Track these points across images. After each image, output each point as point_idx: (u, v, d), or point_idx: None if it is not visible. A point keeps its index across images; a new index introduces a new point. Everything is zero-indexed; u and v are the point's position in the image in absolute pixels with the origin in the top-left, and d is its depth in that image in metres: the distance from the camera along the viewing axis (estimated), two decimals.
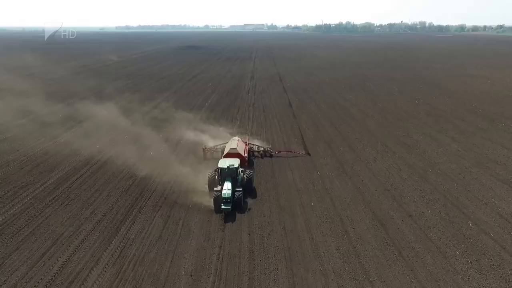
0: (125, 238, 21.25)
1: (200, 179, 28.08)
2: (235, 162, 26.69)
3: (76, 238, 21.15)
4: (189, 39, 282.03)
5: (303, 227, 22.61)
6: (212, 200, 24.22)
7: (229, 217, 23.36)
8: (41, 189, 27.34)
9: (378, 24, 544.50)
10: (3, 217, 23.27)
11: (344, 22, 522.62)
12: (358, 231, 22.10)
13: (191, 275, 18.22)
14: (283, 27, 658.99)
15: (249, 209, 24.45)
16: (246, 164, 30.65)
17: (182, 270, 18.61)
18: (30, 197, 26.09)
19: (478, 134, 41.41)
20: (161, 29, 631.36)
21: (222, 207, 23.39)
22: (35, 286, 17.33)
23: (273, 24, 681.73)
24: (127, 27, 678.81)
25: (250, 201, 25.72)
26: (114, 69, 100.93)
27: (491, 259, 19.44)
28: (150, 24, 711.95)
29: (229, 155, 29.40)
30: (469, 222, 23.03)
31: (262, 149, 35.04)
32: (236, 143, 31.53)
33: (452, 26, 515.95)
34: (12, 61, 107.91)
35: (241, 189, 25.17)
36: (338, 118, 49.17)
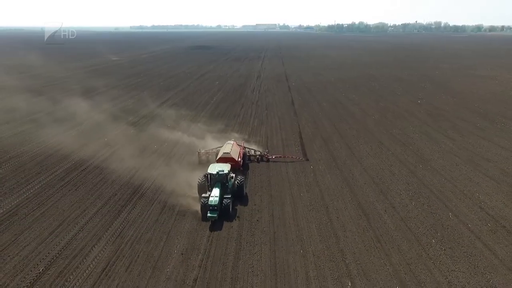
0: (125, 221, 23.19)
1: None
2: (225, 167, 25.69)
3: (81, 220, 23.20)
4: (200, 39, 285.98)
5: (290, 215, 24.09)
6: (200, 206, 23.53)
7: (215, 225, 22.53)
8: (51, 177, 29.65)
9: (391, 24, 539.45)
10: (18, 200, 25.59)
11: (357, 22, 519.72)
12: (341, 220, 23.46)
13: (182, 254, 19.98)
14: (295, 27, 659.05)
15: (238, 217, 23.61)
16: (240, 168, 30.00)
17: (174, 249, 20.39)
18: (42, 183, 28.40)
19: (476, 134, 41.96)
20: (174, 29, 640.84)
21: (208, 215, 22.57)
22: (43, 258, 19.38)
23: (285, 24, 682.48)
24: (141, 27, 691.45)
25: (241, 208, 24.77)
26: (124, 69, 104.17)
27: (464, 247, 20.52)
28: (164, 24, 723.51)
29: (222, 159, 28.52)
30: (449, 213, 24.08)
31: (258, 153, 34.16)
32: (230, 147, 30.78)
33: (468, 26, 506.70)
34: (21, 61, 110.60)
35: (229, 196, 24.17)
36: (338, 117, 50.30)
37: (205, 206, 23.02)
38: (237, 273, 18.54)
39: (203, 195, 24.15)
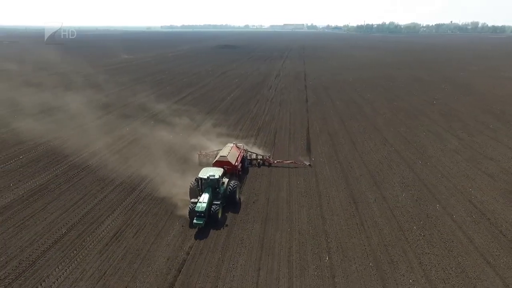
0: (137, 197, 26.28)
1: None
2: (217, 172, 24.49)
3: (100, 195, 26.54)
4: (227, 39, 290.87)
5: (284, 199, 26.19)
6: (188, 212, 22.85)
7: (200, 233, 21.80)
8: (77, 159, 33.45)
9: (424, 25, 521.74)
10: (49, 177, 29.47)
11: (387, 22, 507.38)
12: (331, 205, 25.27)
13: (182, 226, 22.68)
14: (323, 27, 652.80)
15: (227, 225, 22.80)
16: (239, 173, 29.02)
17: (176, 222, 23.14)
18: (69, 164, 32.24)
19: (485, 134, 41.92)
20: (203, 29, 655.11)
21: (194, 221, 21.90)
22: (66, 223, 22.76)
23: (313, 24, 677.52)
24: (171, 26, 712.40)
25: (233, 215, 24.04)
26: (150, 66, 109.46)
27: (444, 234, 21.77)
28: (193, 24, 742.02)
29: (218, 163, 27.50)
30: (437, 205, 25.22)
31: (260, 157, 32.91)
32: (228, 149, 29.44)
33: (508, 27, 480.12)
34: (40, 58, 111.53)
35: (219, 202, 23.20)
36: (349, 115, 51.44)
37: (193, 212, 22.44)
38: (228, 243, 20.97)
39: (192, 200, 23.40)
